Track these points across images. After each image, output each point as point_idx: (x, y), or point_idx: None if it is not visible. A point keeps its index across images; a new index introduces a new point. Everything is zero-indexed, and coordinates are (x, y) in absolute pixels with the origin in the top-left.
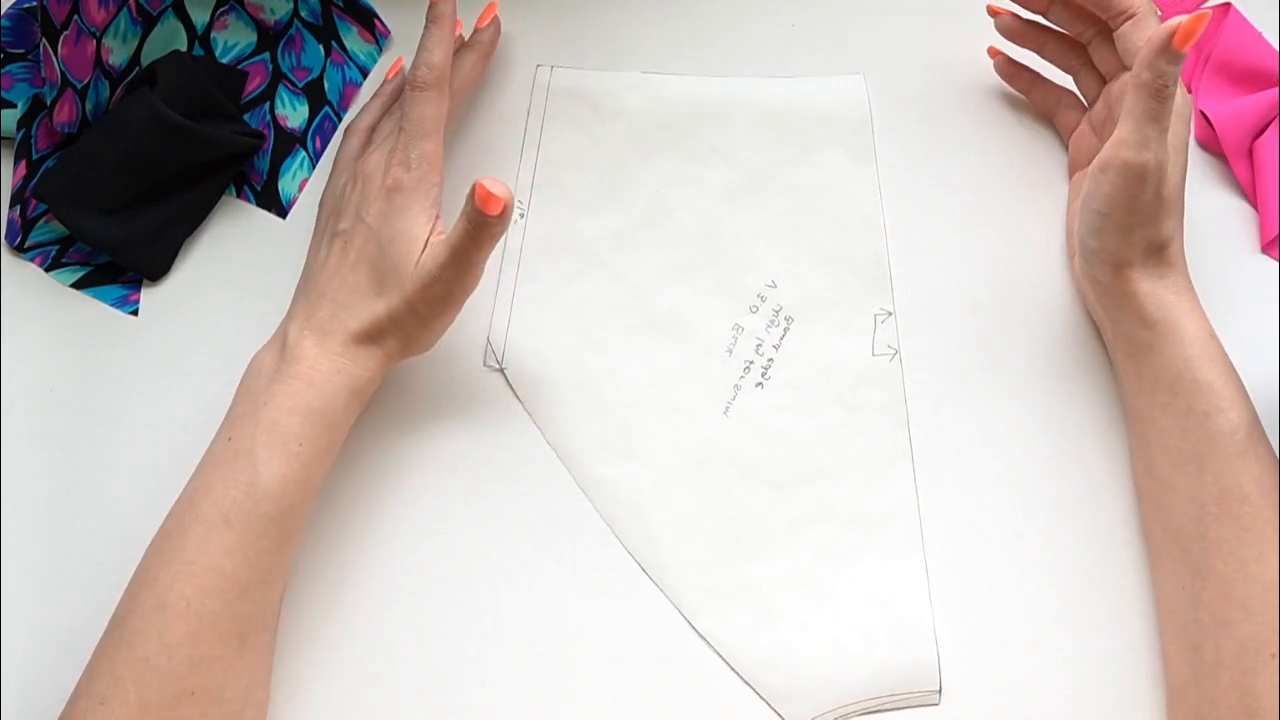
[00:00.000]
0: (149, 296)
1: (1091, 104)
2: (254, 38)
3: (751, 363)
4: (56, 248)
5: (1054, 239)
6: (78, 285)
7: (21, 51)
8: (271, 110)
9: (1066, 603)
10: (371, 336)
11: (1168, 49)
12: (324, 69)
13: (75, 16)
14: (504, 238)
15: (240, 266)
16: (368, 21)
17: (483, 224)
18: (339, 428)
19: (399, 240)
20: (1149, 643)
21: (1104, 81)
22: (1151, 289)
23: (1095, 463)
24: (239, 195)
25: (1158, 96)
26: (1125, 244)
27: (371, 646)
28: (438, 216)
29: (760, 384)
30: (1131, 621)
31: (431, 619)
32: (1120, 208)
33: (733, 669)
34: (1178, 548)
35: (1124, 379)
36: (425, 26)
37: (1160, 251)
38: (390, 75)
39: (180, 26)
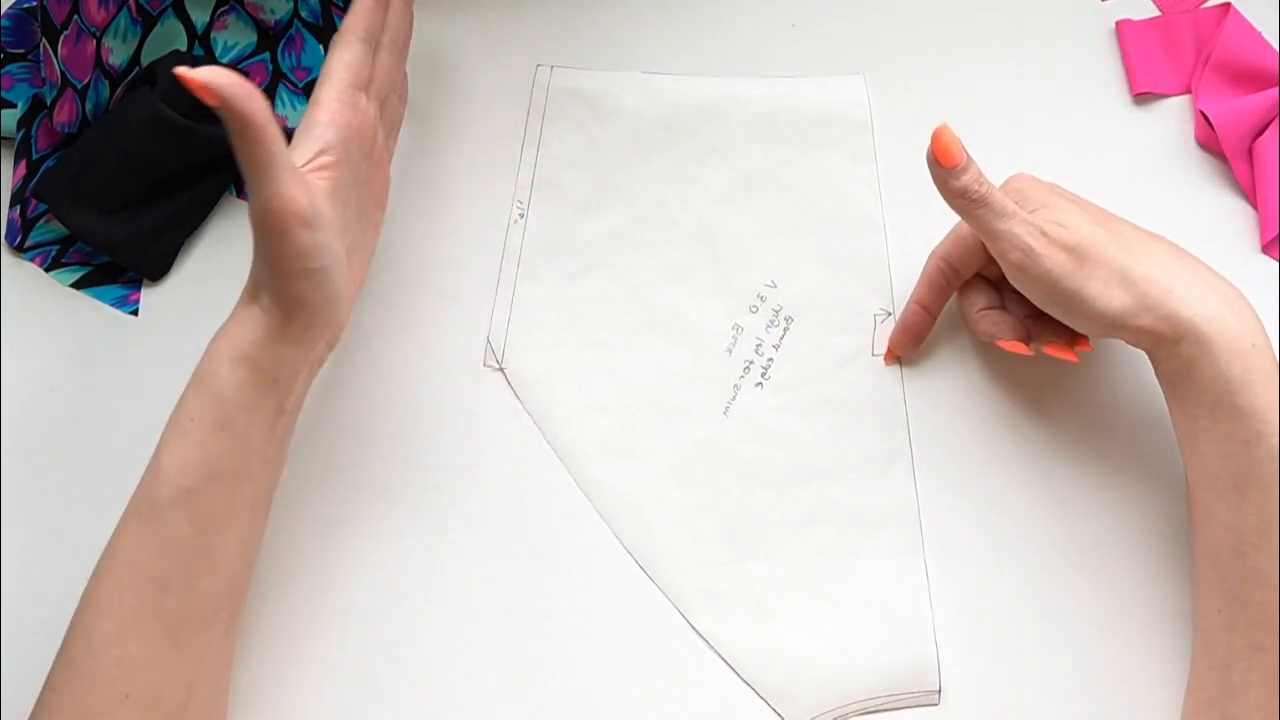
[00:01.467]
0: (149, 296)
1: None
2: (254, 38)
3: (751, 363)
4: (56, 248)
5: None
6: (78, 285)
7: (21, 51)
8: (271, 110)
9: (1066, 602)
10: (250, 293)
11: (939, 169)
12: None
13: (75, 16)
14: (504, 236)
15: (240, 266)
16: None
17: (226, 126)
18: (229, 400)
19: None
20: (1148, 643)
21: (995, 285)
22: (1154, 321)
23: (1096, 461)
24: (239, 195)
25: (977, 206)
26: (1093, 304)
27: (368, 645)
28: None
29: (760, 384)
30: (1132, 621)
31: (430, 618)
32: (1054, 290)
33: (732, 669)
34: (1215, 573)
35: (1168, 402)
36: None
37: (1134, 284)
38: None
39: (180, 26)
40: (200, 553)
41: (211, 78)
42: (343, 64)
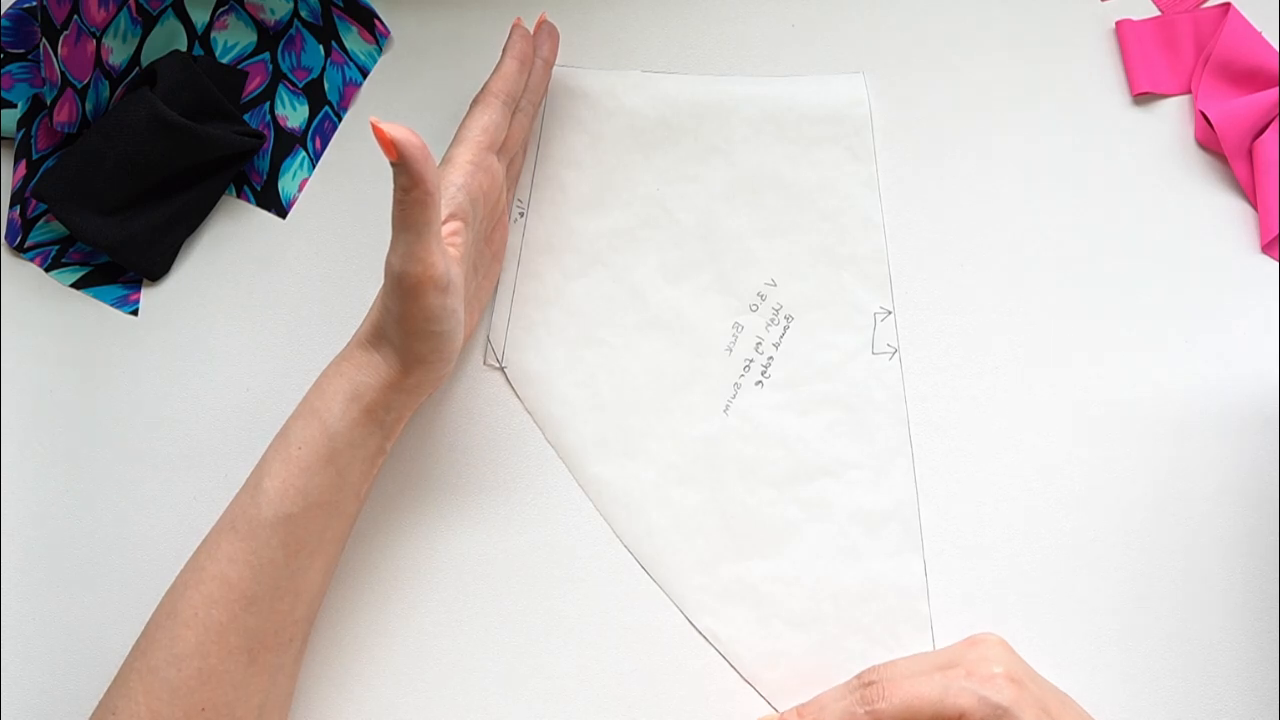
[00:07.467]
0: (149, 296)
1: None
2: (254, 38)
3: (751, 361)
4: (56, 248)
5: (1053, 237)
6: (78, 285)
7: (21, 51)
8: (271, 110)
9: (1066, 602)
10: (371, 339)
11: None
12: (324, 69)
13: (75, 16)
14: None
15: (240, 266)
16: (368, 21)
17: (395, 182)
18: (338, 436)
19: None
20: (1146, 642)
21: None
22: None
23: (1095, 460)
24: (239, 195)
25: None
26: None
27: (367, 644)
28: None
29: (760, 382)
30: (1130, 620)
31: (429, 617)
32: None
33: (733, 667)
34: None
35: None
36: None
37: None
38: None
39: (180, 26)
40: (289, 577)
41: (399, 135)
42: (480, 126)
